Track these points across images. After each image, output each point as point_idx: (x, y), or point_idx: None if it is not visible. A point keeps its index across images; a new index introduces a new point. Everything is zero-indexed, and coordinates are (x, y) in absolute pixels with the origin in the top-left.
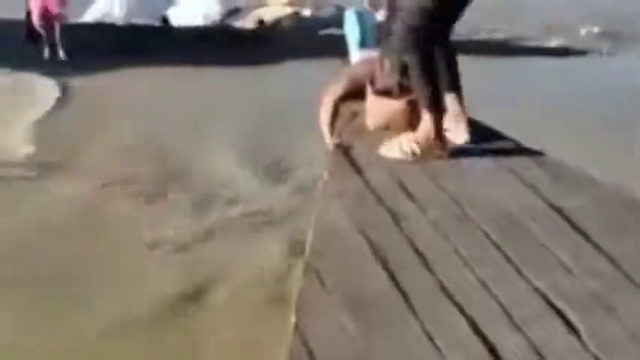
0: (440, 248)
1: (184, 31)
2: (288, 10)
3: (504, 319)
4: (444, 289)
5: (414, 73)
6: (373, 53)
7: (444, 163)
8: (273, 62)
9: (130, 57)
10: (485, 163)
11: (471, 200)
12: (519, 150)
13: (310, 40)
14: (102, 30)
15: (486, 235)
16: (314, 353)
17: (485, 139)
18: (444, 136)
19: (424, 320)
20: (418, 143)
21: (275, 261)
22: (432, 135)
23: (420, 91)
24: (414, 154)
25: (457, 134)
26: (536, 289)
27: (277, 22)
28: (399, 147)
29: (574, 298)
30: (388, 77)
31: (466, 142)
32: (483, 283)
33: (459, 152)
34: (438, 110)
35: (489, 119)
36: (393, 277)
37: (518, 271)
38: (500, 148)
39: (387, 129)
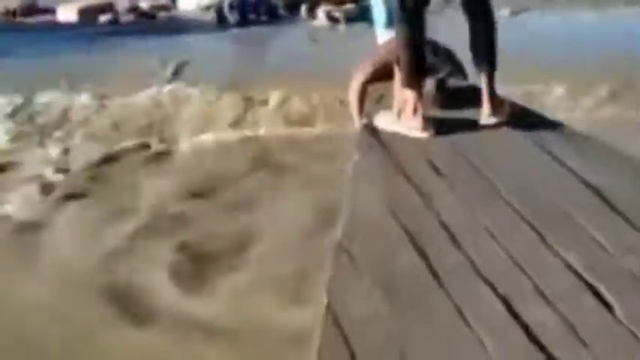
0: (470, 225)
1: None
2: None
3: (537, 297)
4: (475, 267)
5: (397, 43)
6: None
7: (472, 138)
8: None
9: None
10: (513, 137)
11: (500, 176)
12: (544, 122)
13: None
14: None
15: (517, 211)
16: (346, 335)
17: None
18: (424, 114)
19: (456, 299)
20: (400, 118)
21: None
22: (410, 111)
23: (401, 57)
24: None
25: (485, 116)
26: (569, 266)
27: None
28: (391, 119)
29: (608, 275)
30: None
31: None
32: (515, 261)
33: (485, 126)
34: (414, 85)
35: None
36: (424, 256)
37: (551, 248)
38: (524, 121)
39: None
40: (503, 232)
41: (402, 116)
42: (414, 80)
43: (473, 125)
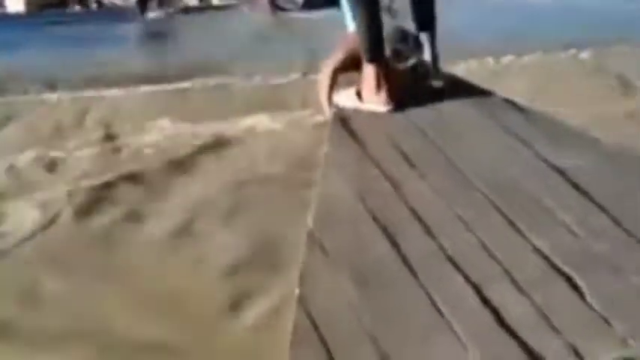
0: (440, 213)
1: None
2: None
3: (507, 282)
4: (445, 253)
5: (354, 14)
6: None
7: (437, 123)
8: None
9: None
10: (477, 120)
11: (469, 162)
12: (505, 103)
13: None
14: None
15: (486, 197)
16: (317, 324)
17: (464, 91)
18: (389, 88)
19: (427, 285)
20: (360, 96)
21: None
22: (373, 87)
23: (360, 36)
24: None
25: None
26: (539, 251)
27: None
28: (346, 96)
29: (577, 259)
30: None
31: (439, 88)
32: (485, 246)
33: (445, 108)
34: (377, 58)
35: None
36: (394, 244)
37: (521, 234)
38: (485, 102)
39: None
40: (473, 218)
41: (365, 92)
42: (376, 54)
43: (432, 99)
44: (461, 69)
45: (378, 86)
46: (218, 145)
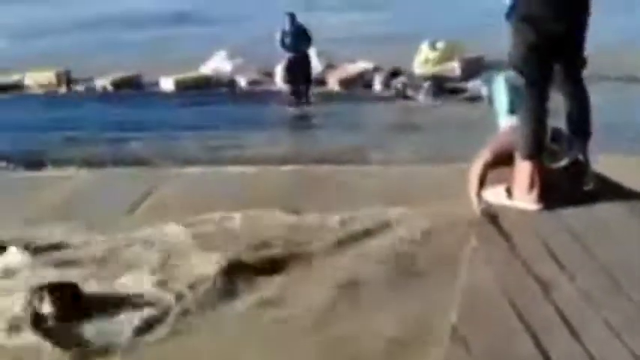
0: (589, 317)
1: None
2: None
3: None
4: (592, 359)
5: (520, 116)
6: None
7: (589, 225)
8: None
9: None
10: (630, 223)
11: (621, 267)
12: None
13: None
14: None
15: (637, 303)
16: None
17: (613, 194)
18: (541, 186)
19: None
20: (510, 193)
21: None
22: (526, 185)
23: (521, 131)
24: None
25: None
26: None
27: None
28: (499, 193)
29: None
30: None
31: (588, 191)
32: (633, 354)
33: (595, 209)
34: (534, 156)
35: None
36: (539, 345)
37: None
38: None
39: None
40: (621, 324)
41: (517, 189)
42: (534, 152)
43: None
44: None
45: (532, 184)
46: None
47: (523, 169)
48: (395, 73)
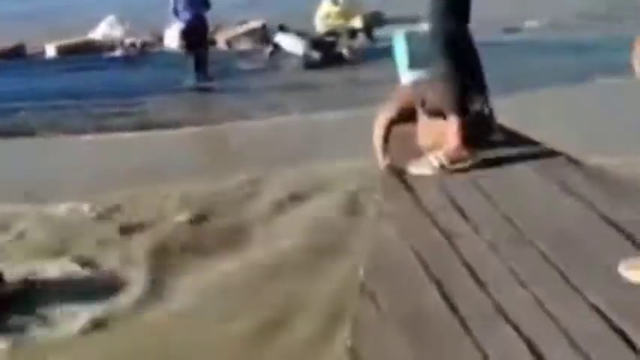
0: (495, 268)
1: None
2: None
3: (562, 339)
4: (499, 309)
5: (442, 72)
6: (423, 74)
7: (495, 178)
8: None
9: None
10: (529, 173)
11: (524, 217)
12: (562, 159)
13: None
14: None
15: (541, 252)
16: None
17: (516, 144)
18: (470, 143)
19: (480, 341)
20: (446, 155)
21: None
22: (458, 141)
23: (445, 92)
24: (442, 167)
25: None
26: (595, 308)
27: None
28: (427, 163)
29: (634, 315)
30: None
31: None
32: (540, 303)
33: (499, 162)
34: (462, 113)
35: None
36: (447, 299)
37: (576, 290)
38: (537, 155)
39: (439, 149)
40: (527, 273)
41: (453, 147)
42: (461, 107)
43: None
44: None
45: (464, 140)
46: None
47: (457, 125)
48: (282, 28)
